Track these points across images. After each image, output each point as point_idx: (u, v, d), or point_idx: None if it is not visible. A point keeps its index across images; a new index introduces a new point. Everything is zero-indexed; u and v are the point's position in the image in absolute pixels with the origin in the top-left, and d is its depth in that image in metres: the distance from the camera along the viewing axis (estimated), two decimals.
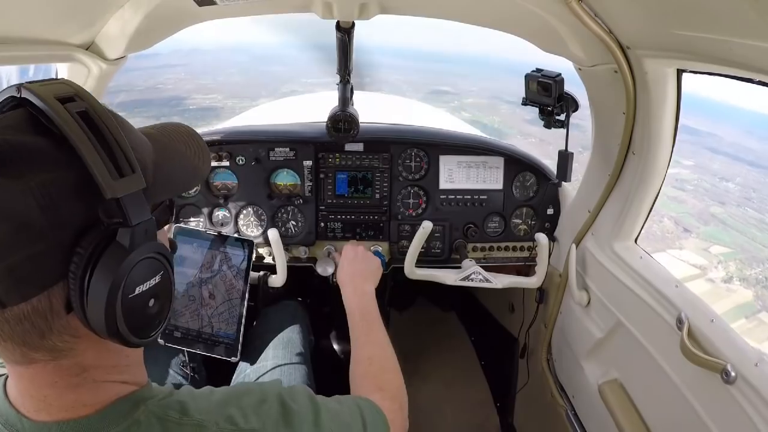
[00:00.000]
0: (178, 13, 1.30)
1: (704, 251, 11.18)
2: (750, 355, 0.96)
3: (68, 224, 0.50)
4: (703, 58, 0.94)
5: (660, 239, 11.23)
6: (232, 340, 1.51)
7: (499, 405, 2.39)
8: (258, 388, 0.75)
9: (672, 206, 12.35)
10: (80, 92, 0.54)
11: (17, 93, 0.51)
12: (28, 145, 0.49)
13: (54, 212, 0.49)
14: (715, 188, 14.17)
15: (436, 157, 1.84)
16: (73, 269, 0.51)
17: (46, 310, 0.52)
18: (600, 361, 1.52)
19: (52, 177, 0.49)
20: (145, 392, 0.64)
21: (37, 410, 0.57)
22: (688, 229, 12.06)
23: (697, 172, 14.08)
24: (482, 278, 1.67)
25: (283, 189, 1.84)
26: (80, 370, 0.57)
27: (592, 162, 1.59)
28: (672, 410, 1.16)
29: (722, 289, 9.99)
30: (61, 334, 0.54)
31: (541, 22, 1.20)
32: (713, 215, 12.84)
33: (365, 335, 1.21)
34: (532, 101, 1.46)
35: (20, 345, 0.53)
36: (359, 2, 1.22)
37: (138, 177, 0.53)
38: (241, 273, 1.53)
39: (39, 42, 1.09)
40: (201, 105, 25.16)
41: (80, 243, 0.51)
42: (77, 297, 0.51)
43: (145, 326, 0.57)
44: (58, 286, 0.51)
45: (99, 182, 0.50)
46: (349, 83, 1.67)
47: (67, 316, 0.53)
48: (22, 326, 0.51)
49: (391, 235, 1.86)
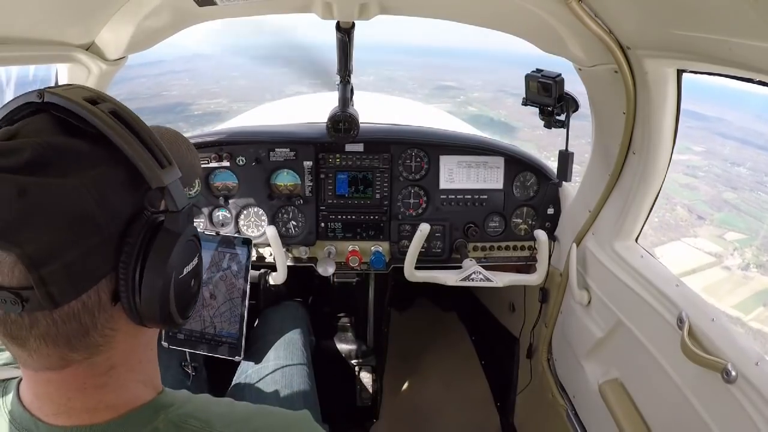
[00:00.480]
0: (178, 14, 1.30)
1: (719, 238, 10.93)
2: (750, 355, 0.96)
3: (120, 216, 0.53)
4: (703, 58, 0.94)
5: (674, 228, 11.08)
6: (235, 340, 1.51)
7: (500, 405, 2.39)
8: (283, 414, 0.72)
9: (684, 193, 12.15)
10: (101, 95, 0.57)
11: (39, 98, 0.52)
12: (68, 145, 0.51)
13: (107, 204, 0.51)
14: (727, 173, 13.93)
15: (436, 157, 1.84)
16: (124, 259, 0.53)
17: (95, 304, 0.53)
18: (600, 360, 1.52)
19: (101, 171, 0.52)
20: (164, 399, 0.64)
21: (56, 414, 0.57)
22: (701, 216, 11.87)
23: (707, 158, 13.86)
24: (483, 277, 1.67)
25: (283, 189, 1.84)
26: (108, 368, 0.58)
27: (593, 162, 1.60)
28: (672, 409, 1.17)
29: (739, 277, 9.73)
30: (104, 328, 0.55)
31: (541, 22, 1.20)
32: (726, 201, 12.56)
33: None
34: (532, 101, 1.47)
35: (63, 346, 0.53)
36: (359, 2, 1.22)
37: (175, 167, 0.58)
38: (241, 272, 1.53)
39: (39, 42, 1.09)
40: (207, 110, 25.17)
41: (129, 233, 0.53)
42: (128, 286, 0.53)
43: (188, 305, 0.62)
44: (107, 278, 0.53)
45: (146, 174, 0.53)
46: (349, 83, 1.67)
47: (112, 308, 0.54)
48: (69, 326, 0.51)
49: (392, 235, 1.86)
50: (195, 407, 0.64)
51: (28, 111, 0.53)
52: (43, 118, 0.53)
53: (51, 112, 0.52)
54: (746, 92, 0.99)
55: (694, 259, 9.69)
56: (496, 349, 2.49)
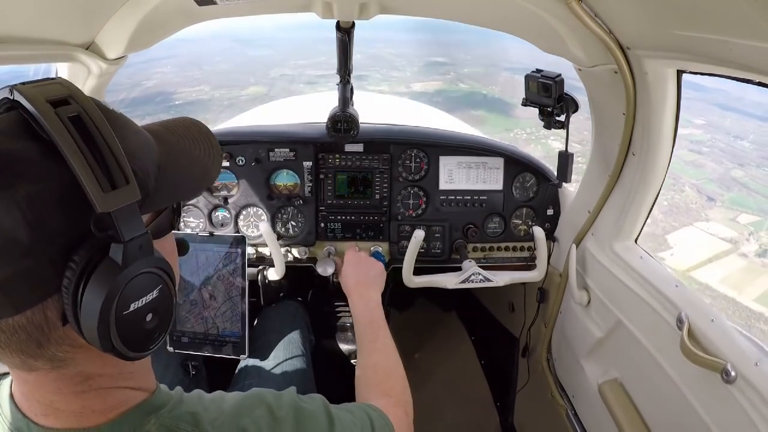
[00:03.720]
0: (178, 13, 1.30)
1: (732, 222, 10.46)
2: (750, 355, 0.96)
3: (57, 238, 0.48)
4: (703, 59, 0.94)
5: (684, 211, 10.62)
6: (238, 338, 1.51)
7: (499, 404, 2.39)
8: (272, 396, 0.74)
9: (691, 172, 11.60)
10: (75, 93, 0.51)
11: (10, 94, 0.49)
12: (17, 153, 0.46)
13: (41, 227, 0.46)
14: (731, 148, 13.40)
15: (435, 158, 1.84)
16: (65, 284, 0.49)
17: (42, 322, 0.50)
18: (600, 360, 1.52)
19: (40, 188, 0.46)
20: (156, 400, 0.62)
21: (45, 415, 0.56)
22: (711, 197, 11.28)
23: (710, 132, 13.40)
24: (482, 278, 1.67)
25: (283, 189, 1.84)
26: (84, 379, 0.56)
27: (592, 162, 1.60)
28: (672, 410, 1.17)
29: (758, 265, 9.32)
30: (60, 344, 0.52)
31: (541, 22, 1.20)
32: (735, 179, 12.04)
33: (371, 342, 1.23)
34: (532, 102, 1.47)
35: (18, 353, 0.51)
36: (359, 2, 1.22)
37: (132, 188, 0.50)
38: (238, 270, 1.53)
39: (39, 42, 1.08)
40: (188, 99, 24.12)
41: (72, 256, 0.48)
42: (71, 311, 0.49)
43: (143, 341, 0.55)
44: (53, 298, 0.50)
45: (89, 195, 0.47)
46: (349, 83, 1.67)
47: (63, 327, 0.51)
48: (18, 336, 0.50)
49: (391, 235, 1.86)
50: (186, 408, 0.63)
51: (4, 107, 0.50)
52: (12, 117, 0.49)
53: (20, 110, 0.49)
54: None
55: (709, 246, 9.29)
56: (496, 349, 2.50)
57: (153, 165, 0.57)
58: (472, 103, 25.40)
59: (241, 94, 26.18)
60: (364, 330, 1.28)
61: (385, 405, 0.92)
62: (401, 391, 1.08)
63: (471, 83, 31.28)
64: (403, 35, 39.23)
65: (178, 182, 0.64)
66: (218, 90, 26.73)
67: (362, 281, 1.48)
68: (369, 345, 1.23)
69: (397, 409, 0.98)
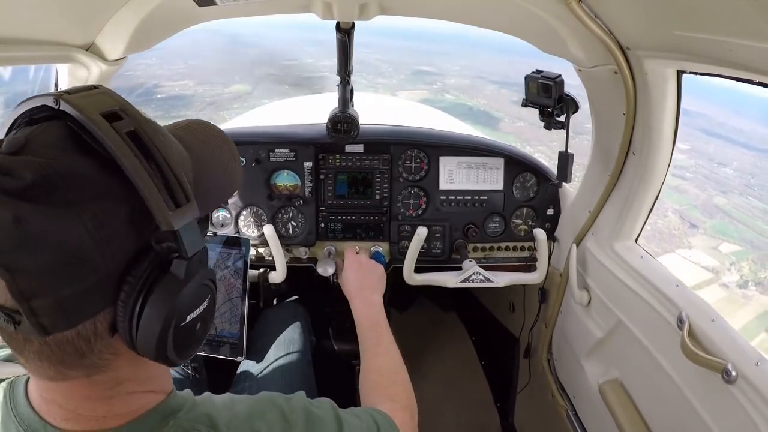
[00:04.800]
0: (178, 14, 1.30)
1: (714, 250, 10.57)
2: (751, 355, 0.96)
3: (121, 255, 0.49)
4: (703, 59, 0.94)
5: (667, 237, 10.70)
6: (236, 340, 1.51)
7: (500, 405, 2.39)
8: (283, 400, 0.74)
9: (675, 197, 11.76)
10: (123, 105, 0.51)
11: (55, 104, 0.48)
12: (76, 170, 0.46)
13: (107, 245, 0.47)
14: (715, 174, 13.64)
15: (436, 158, 1.84)
16: (123, 298, 0.49)
17: (91, 334, 0.50)
18: (600, 360, 1.52)
19: (105, 207, 0.47)
20: (172, 403, 0.62)
21: (65, 419, 0.56)
22: (694, 224, 11.47)
23: (693, 157, 13.60)
24: (483, 278, 1.67)
25: (283, 190, 1.84)
26: (114, 384, 0.56)
27: (593, 162, 1.60)
28: (673, 410, 1.17)
29: (738, 296, 9.37)
30: (102, 353, 0.53)
31: (541, 23, 1.20)
32: (717, 207, 12.21)
33: (375, 346, 1.23)
34: (532, 102, 1.47)
35: (57, 364, 0.51)
36: (359, 3, 1.22)
37: (193, 206, 0.51)
38: (239, 272, 1.53)
39: (39, 42, 1.08)
40: (170, 93, 23.58)
41: (131, 272, 0.49)
42: (126, 323, 0.50)
43: (191, 348, 0.57)
44: (105, 311, 0.50)
45: (156, 215, 0.47)
46: (349, 84, 1.67)
47: (110, 338, 0.52)
48: (64, 349, 0.50)
49: (392, 235, 1.86)
50: (201, 410, 0.64)
51: (44, 114, 0.49)
52: (56, 127, 0.48)
53: (67, 122, 0.48)
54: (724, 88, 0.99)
55: (690, 275, 9.33)
56: (496, 349, 2.50)
57: (190, 177, 0.57)
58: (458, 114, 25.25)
59: (225, 92, 25.80)
60: (368, 334, 1.28)
61: (391, 409, 0.93)
62: (406, 395, 1.09)
63: (457, 94, 31.28)
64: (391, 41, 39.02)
65: (210, 192, 0.63)
66: (202, 86, 26.22)
67: (365, 285, 1.48)
68: (373, 349, 1.22)
69: (403, 413, 0.99)
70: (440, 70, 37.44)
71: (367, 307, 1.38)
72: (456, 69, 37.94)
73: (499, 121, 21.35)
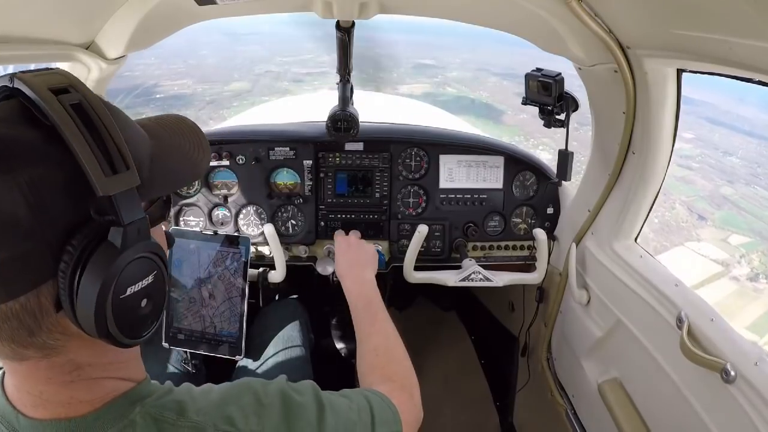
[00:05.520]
0: (177, 13, 1.30)
1: (723, 242, 10.23)
2: (750, 355, 0.96)
3: (58, 222, 0.49)
4: (703, 58, 0.94)
5: (675, 230, 10.40)
6: (234, 339, 1.51)
7: (499, 404, 2.39)
8: (260, 385, 0.74)
9: (682, 188, 11.39)
10: (74, 83, 0.52)
11: (10, 83, 0.50)
12: (19, 138, 0.47)
13: (43, 210, 0.47)
14: (721, 164, 13.15)
15: (436, 157, 1.84)
16: (62, 268, 0.49)
17: (35, 308, 0.50)
18: (600, 360, 1.52)
19: (42, 173, 0.47)
20: (142, 390, 0.63)
21: (34, 406, 0.57)
22: (702, 215, 11.07)
23: (699, 147, 13.24)
24: (482, 277, 1.67)
25: (283, 188, 1.84)
26: (74, 368, 0.57)
27: (592, 161, 1.60)
28: (672, 409, 1.17)
29: (749, 289, 9.06)
30: (51, 332, 0.53)
31: (541, 22, 1.20)
32: (725, 197, 11.88)
33: (370, 325, 1.18)
34: (532, 101, 1.47)
35: (9, 342, 0.51)
36: (359, 2, 1.22)
37: (132, 174, 0.51)
38: (239, 271, 1.53)
39: (39, 42, 1.09)
40: (169, 93, 23.45)
41: (70, 241, 0.49)
42: (66, 296, 0.49)
43: (137, 326, 0.56)
44: (47, 284, 0.50)
45: (91, 179, 0.48)
46: (349, 83, 1.67)
47: (56, 314, 0.52)
48: (10, 324, 0.50)
49: (391, 234, 1.86)
50: (173, 398, 0.64)
51: (3, 95, 0.51)
52: (12, 104, 0.50)
53: (20, 98, 0.49)
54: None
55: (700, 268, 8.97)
56: (496, 348, 2.49)
57: (146, 156, 0.59)
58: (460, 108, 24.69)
59: (224, 90, 25.68)
60: (361, 313, 1.23)
61: (389, 390, 0.90)
62: (405, 374, 1.05)
63: (459, 87, 30.84)
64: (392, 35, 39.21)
65: (169, 174, 0.65)
66: (201, 84, 26.11)
67: (355, 263, 1.43)
68: (367, 328, 1.17)
69: (401, 393, 0.95)
70: (442, 63, 36.92)
71: (359, 285, 1.33)
72: (458, 62, 37.49)
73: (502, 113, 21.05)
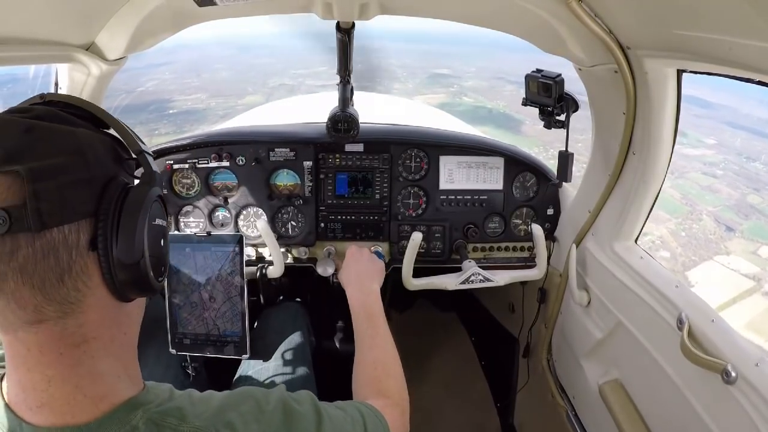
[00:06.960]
0: (178, 14, 1.30)
1: (753, 255, 9.93)
2: (750, 356, 0.96)
3: (105, 165, 0.62)
4: (703, 58, 0.94)
5: (704, 244, 9.92)
6: (239, 338, 1.51)
7: (500, 405, 2.39)
8: (261, 393, 0.75)
9: (707, 198, 11.14)
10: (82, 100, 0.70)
11: (40, 99, 0.65)
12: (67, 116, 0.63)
13: (97, 152, 0.61)
14: (745, 170, 12.79)
15: (436, 158, 1.84)
16: (104, 205, 0.59)
17: (74, 244, 0.57)
18: (600, 361, 1.52)
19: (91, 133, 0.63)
20: (143, 397, 0.64)
21: (40, 406, 0.58)
22: (730, 226, 10.80)
23: (722, 152, 12.95)
24: (482, 278, 1.67)
25: (283, 189, 1.84)
26: (82, 340, 0.59)
27: (593, 162, 1.60)
28: (672, 410, 1.16)
29: None
30: (77, 279, 0.58)
31: (541, 22, 1.20)
32: (752, 206, 11.59)
33: (371, 338, 1.21)
34: (532, 102, 1.47)
35: (38, 290, 0.55)
36: (359, 3, 1.22)
37: (143, 144, 0.69)
38: (236, 269, 1.53)
39: (39, 42, 1.09)
40: (182, 108, 24.17)
41: (109, 186, 0.61)
42: (105, 234, 0.59)
43: (159, 264, 0.67)
44: (87, 221, 0.58)
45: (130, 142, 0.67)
46: (349, 84, 1.67)
47: (87, 256, 0.58)
48: (47, 262, 0.55)
49: (392, 235, 1.86)
50: (174, 404, 0.65)
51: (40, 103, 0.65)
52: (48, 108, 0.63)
53: (52, 107, 0.63)
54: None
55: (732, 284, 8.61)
56: (496, 349, 2.49)
57: None
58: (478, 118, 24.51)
59: (238, 104, 26.05)
60: (363, 324, 1.26)
61: (382, 405, 0.92)
62: (399, 391, 1.08)
63: (475, 97, 30.78)
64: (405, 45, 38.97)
65: None
66: (215, 99, 26.56)
67: (363, 273, 1.47)
68: (368, 340, 1.20)
69: (394, 409, 0.98)
70: (457, 73, 36.84)
71: (364, 294, 1.36)
72: (473, 71, 37.40)
73: (520, 123, 20.74)
